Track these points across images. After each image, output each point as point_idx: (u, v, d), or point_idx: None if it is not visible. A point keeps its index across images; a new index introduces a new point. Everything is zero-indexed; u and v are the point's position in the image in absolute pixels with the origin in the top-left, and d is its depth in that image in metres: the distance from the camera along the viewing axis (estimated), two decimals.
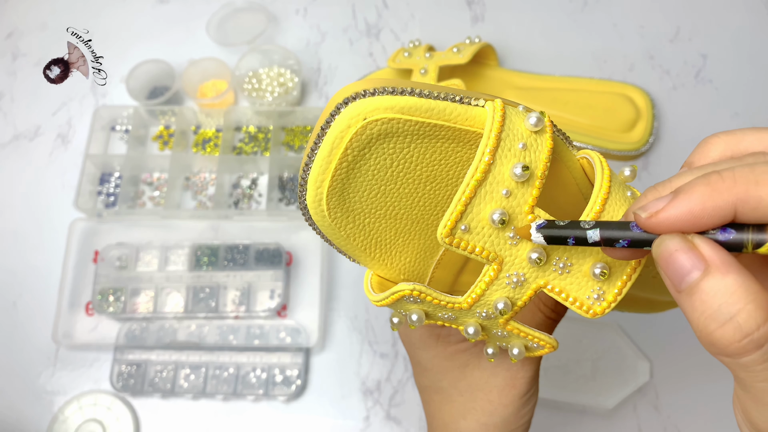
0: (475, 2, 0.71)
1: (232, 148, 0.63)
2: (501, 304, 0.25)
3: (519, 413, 0.32)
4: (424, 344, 0.33)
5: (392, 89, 0.24)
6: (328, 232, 0.27)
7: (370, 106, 0.24)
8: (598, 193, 0.25)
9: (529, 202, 0.24)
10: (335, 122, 0.24)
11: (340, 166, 0.25)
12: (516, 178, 0.24)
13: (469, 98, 0.25)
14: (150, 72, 0.65)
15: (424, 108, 0.24)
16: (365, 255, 0.29)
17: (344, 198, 0.26)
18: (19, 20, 0.71)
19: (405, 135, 0.25)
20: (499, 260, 0.25)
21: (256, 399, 0.54)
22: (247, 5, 0.70)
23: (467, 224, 0.24)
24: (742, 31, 0.68)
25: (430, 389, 0.34)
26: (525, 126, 0.25)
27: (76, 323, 0.57)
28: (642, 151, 0.61)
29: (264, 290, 0.58)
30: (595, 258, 0.25)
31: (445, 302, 0.26)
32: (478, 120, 0.25)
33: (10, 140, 0.65)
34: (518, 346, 0.28)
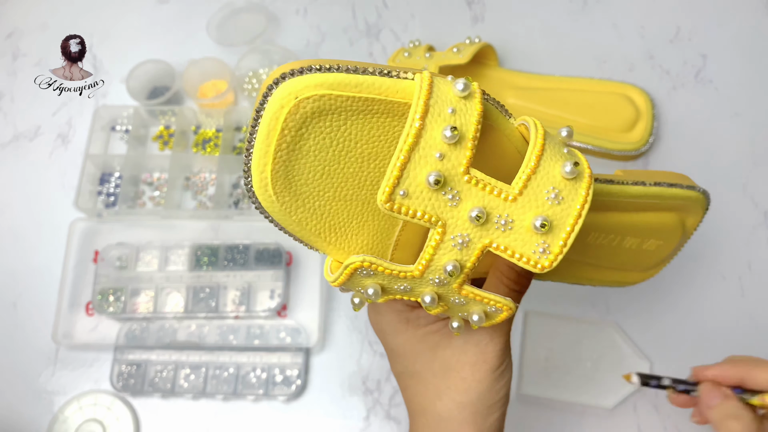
0: (475, 2, 0.71)
1: (232, 148, 0.63)
2: (450, 266, 0.26)
3: (493, 389, 0.33)
4: (395, 329, 0.34)
5: (319, 67, 0.25)
6: (279, 218, 0.28)
7: (299, 85, 0.25)
8: (533, 150, 0.26)
9: (463, 163, 0.25)
10: (268, 104, 0.25)
11: (279, 148, 0.26)
12: (447, 140, 0.25)
13: (397, 72, 0.26)
14: (150, 72, 0.65)
15: (353, 83, 0.25)
16: (321, 240, 0.29)
17: (290, 181, 0.27)
18: (19, 20, 0.71)
19: (339, 112, 0.26)
20: (442, 223, 0.26)
21: (256, 399, 0.54)
22: (247, 5, 0.70)
23: (405, 189, 0.25)
24: (742, 31, 0.68)
25: (405, 374, 0.35)
26: (453, 92, 0.26)
27: (76, 323, 0.57)
28: (642, 151, 0.61)
29: (264, 290, 0.58)
30: (536, 212, 0.26)
31: (397, 271, 0.27)
32: (407, 92, 0.26)
33: (11, 140, 0.65)
34: (477, 312, 0.29)
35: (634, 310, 0.56)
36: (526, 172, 0.26)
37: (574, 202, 0.26)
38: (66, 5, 0.72)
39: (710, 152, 0.63)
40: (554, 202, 0.26)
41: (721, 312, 0.56)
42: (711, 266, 0.58)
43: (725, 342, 0.55)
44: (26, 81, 0.68)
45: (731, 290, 0.57)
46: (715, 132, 0.63)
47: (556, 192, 0.26)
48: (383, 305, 0.34)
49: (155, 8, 0.72)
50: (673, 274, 0.57)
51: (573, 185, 0.27)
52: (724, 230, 0.59)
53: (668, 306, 0.56)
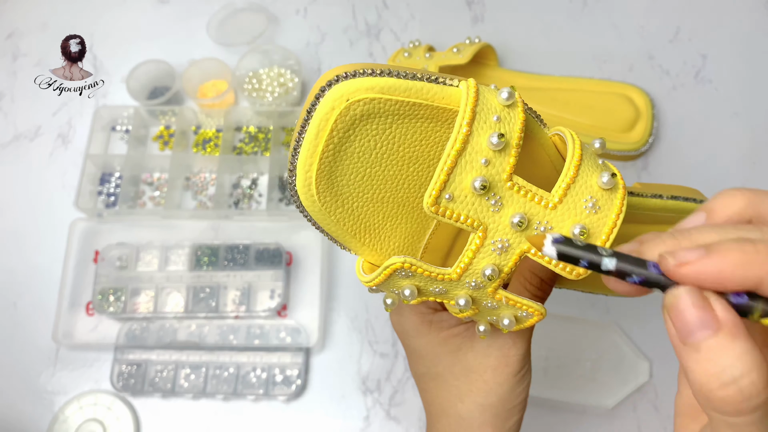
0: (475, 2, 0.71)
1: (232, 148, 0.63)
2: (488, 270, 0.26)
3: (514, 392, 0.33)
4: (417, 331, 0.34)
5: (371, 71, 0.26)
6: (319, 217, 0.28)
7: (352, 87, 0.25)
8: (571, 160, 0.27)
9: (507, 170, 0.26)
10: (320, 105, 0.26)
11: (326, 149, 0.26)
12: (493, 147, 0.25)
13: (444, 78, 0.27)
14: (150, 72, 0.65)
15: (403, 87, 0.26)
16: (355, 240, 0.29)
17: (332, 181, 0.27)
18: (19, 20, 0.71)
19: (386, 115, 0.26)
20: (483, 227, 0.26)
21: (257, 399, 0.54)
22: (247, 5, 0.70)
23: (451, 193, 0.25)
24: (742, 31, 0.68)
25: (426, 376, 0.35)
26: (498, 101, 0.27)
27: (77, 323, 0.57)
28: (642, 151, 0.61)
29: (264, 290, 0.58)
30: (574, 220, 0.26)
31: (436, 273, 0.27)
32: (453, 98, 0.27)
33: (11, 140, 0.65)
34: (508, 316, 0.29)
35: (634, 311, 0.56)
36: (566, 181, 0.27)
37: (610, 212, 0.27)
38: (66, 5, 0.72)
39: (710, 152, 0.63)
40: (591, 211, 0.27)
41: None
42: None
43: None
44: (26, 81, 0.68)
45: None
46: (715, 132, 0.64)
47: (594, 201, 0.27)
48: (406, 307, 0.34)
49: (155, 8, 0.72)
50: None
51: (609, 195, 0.27)
52: None
53: None
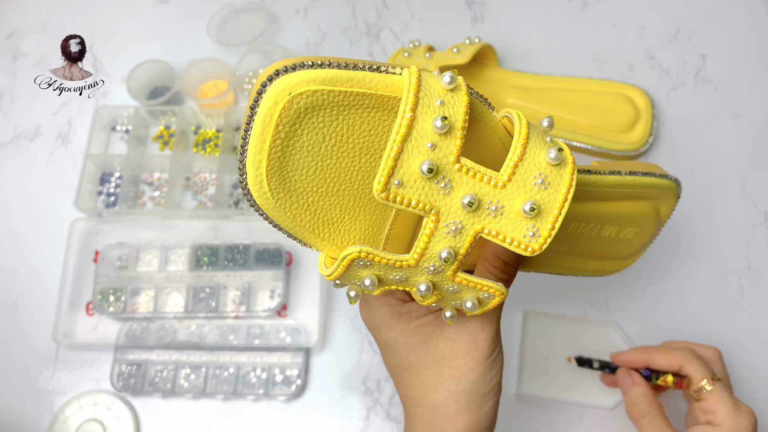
0: (475, 2, 0.71)
1: (232, 148, 0.63)
2: (444, 253, 0.27)
3: (486, 376, 0.33)
4: (387, 323, 0.34)
5: (311, 63, 0.26)
6: (274, 214, 0.28)
7: (293, 80, 0.25)
8: (518, 139, 0.27)
9: (453, 152, 0.26)
10: (263, 100, 0.26)
11: (274, 144, 0.26)
12: (437, 130, 0.26)
13: (386, 67, 0.27)
14: (150, 72, 0.65)
15: (345, 78, 0.26)
16: (314, 236, 0.30)
17: (284, 177, 0.27)
18: (19, 20, 0.71)
19: (331, 107, 0.26)
20: (435, 211, 0.27)
21: (257, 399, 0.54)
22: (247, 5, 0.70)
23: (400, 179, 0.26)
24: (742, 32, 0.68)
25: (399, 368, 0.35)
26: (440, 85, 0.27)
27: (77, 323, 0.57)
28: (642, 151, 0.61)
29: (264, 290, 0.58)
30: (524, 197, 0.27)
31: (393, 260, 0.27)
32: (396, 86, 0.27)
33: (11, 140, 0.65)
34: (471, 299, 0.29)
35: (634, 310, 0.56)
36: (514, 160, 0.27)
37: (560, 187, 0.27)
38: (66, 5, 0.72)
39: (710, 152, 0.63)
40: (541, 187, 0.27)
41: (720, 312, 0.56)
42: (711, 266, 0.58)
43: (725, 341, 0.55)
44: (26, 81, 0.68)
45: (731, 290, 0.57)
46: (715, 132, 0.64)
47: (543, 177, 0.27)
48: (374, 300, 0.35)
49: (155, 8, 0.72)
50: (672, 274, 0.57)
51: (558, 171, 0.28)
52: (724, 230, 0.59)
53: (667, 305, 0.57)
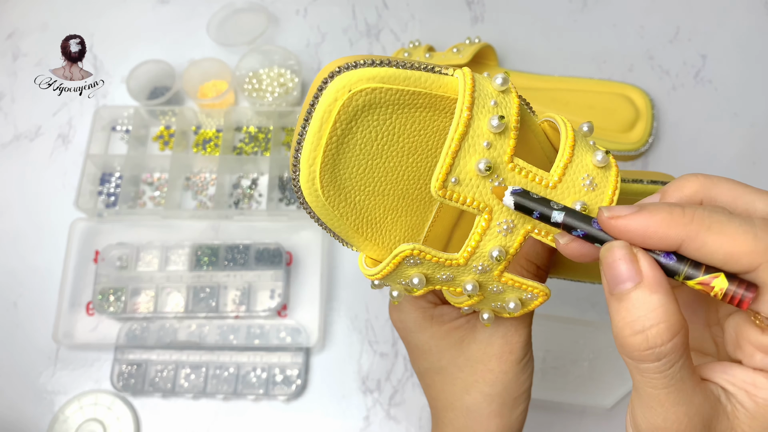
0: (474, 2, 0.71)
1: (232, 149, 0.63)
2: (496, 251, 0.27)
3: (519, 380, 0.33)
4: (419, 326, 0.34)
5: (371, 61, 0.26)
6: (322, 212, 0.28)
7: (354, 78, 0.26)
8: (566, 141, 0.28)
9: (507, 151, 0.27)
10: (323, 96, 0.26)
11: (330, 141, 0.26)
12: (493, 130, 0.26)
13: (440, 68, 0.28)
14: (150, 72, 0.65)
15: (402, 77, 0.26)
16: (358, 235, 0.29)
17: (336, 175, 0.27)
18: (19, 20, 0.71)
19: (387, 105, 0.27)
20: (489, 210, 0.27)
21: (257, 398, 0.54)
22: (247, 6, 0.70)
23: (456, 176, 0.26)
24: (742, 31, 0.68)
25: (431, 371, 0.35)
26: (493, 86, 0.27)
27: (77, 323, 0.57)
28: (641, 151, 0.61)
29: (264, 290, 0.58)
30: (574, 197, 0.27)
31: (444, 259, 0.27)
32: (450, 86, 0.27)
33: (11, 140, 0.65)
34: (513, 300, 0.29)
35: None
36: (564, 161, 0.27)
37: (606, 188, 0.28)
38: (66, 5, 0.72)
39: (709, 152, 0.63)
40: (589, 188, 0.27)
41: None
42: None
43: None
44: (26, 81, 0.68)
45: None
46: (715, 132, 0.64)
47: (591, 179, 0.27)
48: (406, 303, 0.34)
49: (155, 8, 0.72)
50: None
51: (604, 173, 0.28)
52: None
53: None
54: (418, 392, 0.54)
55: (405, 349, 0.55)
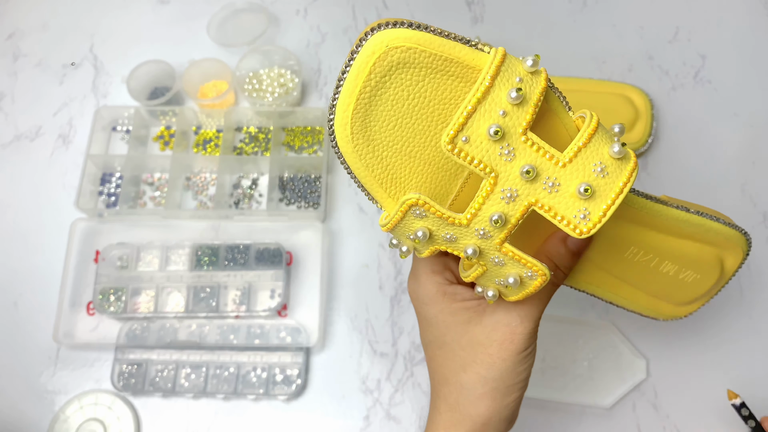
0: (474, 3, 0.71)
1: (232, 149, 0.64)
2: (496, 215, 0.28)
3: (516, 370, 0.34)
4: (432, 299, 0.35)
5: (410, 23, 0.28)
6: (350, 159, 0.30)
7: (392, 35, 0.28)
8: (586, 128, 0.28)
9: (522, 124, 0.28)
10: (363, 48, 0.28)
11: (364, 90, 0.28)
12: (512, 101, 0.27)
13: (476, 43, 0.29)
14: (151, 72, 0.65)
15: (437, 43, 0.28)
16: (382, 190, 0.31)
17: (366, 124, 0.29)
18: (20, 21, 0.71)
19: (420, 66, 0.28)
20: (495, 175, 0.28)
21: (257, 398, 0.54)
22: (247, 6, 0.70)
23: (467, 136, 0.27)
24: (742, 32, 0.68)
25: (434, 344, 0.36)
26: (523, 67, 0.29)
27: (77, 323, 0.57)
28: (641, 152, 0.61)
29: (264, 290, 0.58)
30: (581, 179, 0.28)
31: (447, 215, 0.29)
32: (483, 61, 0.29)
33: (11, 140, 0.65)
34: (514, 275, 0.30)
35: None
36: (578, 144, 0.28)
37: (618, 179, 0.28)
38: (66, 6, 0.72)
39: (709, 152, 0.63)
40: (600, 174, 0.28)
41: (719, 311, 0.56)
42: None
43: (724, 342, 0.55)
44: (27, 81, 0.68)
45: (730, 290, 0.57)
46: (714, 132, 0.64)
47: (603, 167, 0.28)
48: (424, 276, 0.36)
49: (156, 9, 0.72)
50: None
51: (619, 165, 0.28)
52: None
53: None
54: (418, 392, 0.54)
55: (405, 349, 0.56)
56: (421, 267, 0.36)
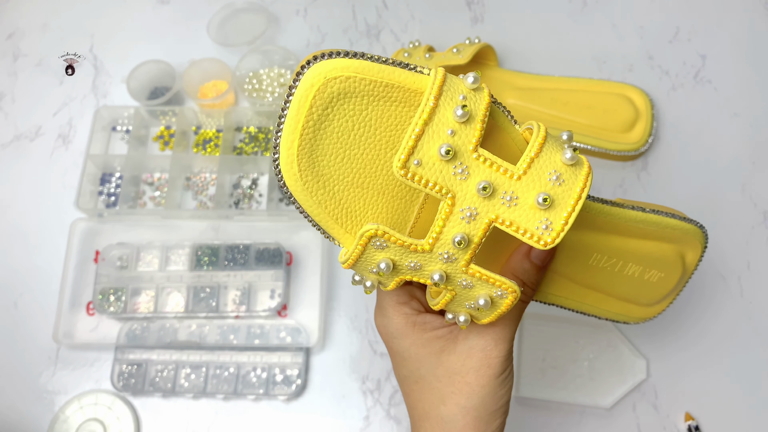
0: (474, 3, 0.71)
1: (232, 149, 0.64)
2: (458, 236, 0.28)
3: (496, 394, 0.33)
4: (402, 333, 0.34)
5: (347, 52, 0.28)
6: (301, 197, 0.29)
7: (329, 66, 0.27)
8: (536, 139, 0.28)
9: (472, 141, 0.27)
10: (300, 82, 0.27)
11: (306, 125, 0.27)
12: (458, 119, 0.27)
13: (415, 66, 0.29)
14: (151, 72, 0.65)
15: (375, 69, 0.28)
16: (338, 226, 0.30)
17: (314, 160, 0.28)
18: (20, 21, 0.71)
19: (362, 95, 0.28)
20: (452, 195, 0.27)
21: (257, 398, 0.54)
22: (247, 6, 0.70)
23: (419, 159, 0.27)
24: (742, 32, 0.68)
25: (410, 379, 0.35)
26: (464, 84, 0.28)
27: (77, 323, 0.57)
28: (641, 152, 0.61)
29: (264, 290, 0.58)
30: (538, 189, 0.28)
31: (408, 243, 0.28)
32: (424, 84, 0.28)
33: (11, 140, 0.65)
34: (483, 296, 0.30)
35: None
36: (530, 156, 0.28)
37: (574, 185, 0.28)
38: (66, 6, 0.72)
39: (709, 152, 0.63)
40: (556, 183, 0.28)
41: (719, 312, 0.56)
42: (710, 266, 0.58)
43: (724, 342, 0.55)
44: (27, 81, 0.68)
45: (730, 290, 0.57)
46: (714, 132, 0.64)
47: (558, 174, 0.28)
48: (390, 309, 0.35)
49: (156, 9, 0.72)
50: None
51: (573, 171, 0.29)
52: (723, 230, 0.59)
53: None
54: None
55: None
56: (387, 300, 0.34)
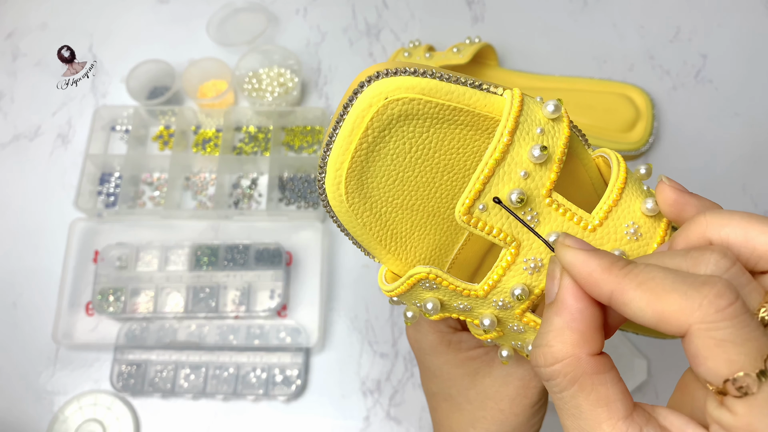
0: (475, 2, 0.71)
1: (232, 148, 0.63)
2: (518, 290, 0.25)
3: (528, 423, 0.32)
4: (435, 350, 0.33)
5: (414, 70, 0.24)
6: (345, 219, 0.27)
7: (391, 86, 0.24)
8: (615, 183, 0.25)
9: (546, 185, 0.25)
10: (357, 101, 0.24)
11: (360, 147, 0.25)
12: (534, 160, 0.24)
13: (488, 85, 0.26)
14: (150, 72, 0.65)
15: (444, 90, 0.25)
16: (381, 247, 0.28)
17: (363, 183, 0.26)
18: (19, 20, 0.71)
19: (425, 118, 0.25)
20: (516, 244, 0.25)
21: (256, 399, 0.54)
22: (247, 5, 0.70)
23: (485, 204, 0.24)
24: (742, 31, 0.68)
25: (439, 396, 0.34)
26: (543, 113, 0.25)
27: (76, 323, 0.57)
28: (642, 151, 0.61)
29: (264, 290, 0.58)
30: (613, 245, 0.25)
31: (462, 288, 0.26)
32: (496, 107, 0.25)
33: (11, 140, 0.65)
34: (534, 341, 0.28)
35: None
36: (608, 203, 0.25)
37: (652, 240, 0.26)
38: (66, 5, 0.72)
39: (710, 152, 0.63)
40: (632, 237, 0.25)
41: None
42: None
43: None
44: (26, 81, 0.68)
45: None
46: (715, 132, 0.63)
47: (636, 227, 0.26)
48: (425, 324, 0.33)
49: (155, 8, 0.72)
50: None
51: (652, 223, 0.26)
52: None
53: None
54: (418, 392, 0.54)
55: (405, 349, 0.55)
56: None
